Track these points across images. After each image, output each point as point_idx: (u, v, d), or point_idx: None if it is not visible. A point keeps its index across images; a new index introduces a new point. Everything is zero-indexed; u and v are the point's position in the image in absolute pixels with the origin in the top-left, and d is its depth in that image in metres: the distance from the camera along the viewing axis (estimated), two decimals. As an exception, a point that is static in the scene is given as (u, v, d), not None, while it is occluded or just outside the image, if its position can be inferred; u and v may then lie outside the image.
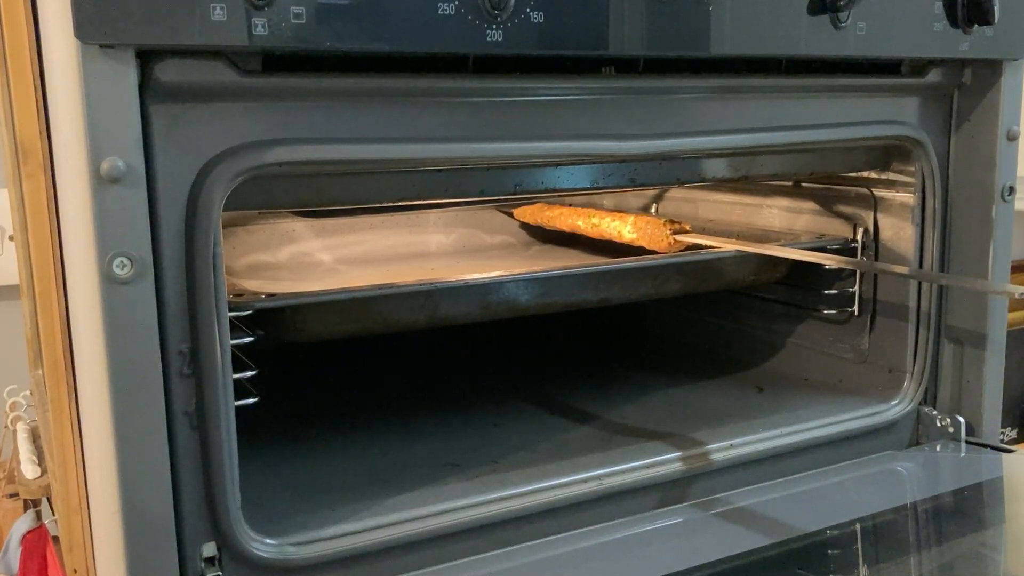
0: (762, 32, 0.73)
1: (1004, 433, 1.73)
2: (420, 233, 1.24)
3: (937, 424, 0.93)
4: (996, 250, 0.89)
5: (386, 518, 0.70)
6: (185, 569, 0.64)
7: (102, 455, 0.59)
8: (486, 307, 0.84)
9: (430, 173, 0.72)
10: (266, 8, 0.56)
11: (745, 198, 1.12)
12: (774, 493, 0.82)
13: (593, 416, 0.93)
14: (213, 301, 0.61)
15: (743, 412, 0.92)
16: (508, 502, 0.74)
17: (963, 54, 0.82)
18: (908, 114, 0.87)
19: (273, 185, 0.67)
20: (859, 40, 0.77)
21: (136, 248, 0.57)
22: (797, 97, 0.81)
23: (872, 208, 0.95)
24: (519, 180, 0.78)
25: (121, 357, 0.58)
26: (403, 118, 0.66)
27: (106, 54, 0.55)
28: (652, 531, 0.76)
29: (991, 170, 0.88)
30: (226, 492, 0.63)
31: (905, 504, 0.81)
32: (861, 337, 0.98)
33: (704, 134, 0.77)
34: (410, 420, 0.94)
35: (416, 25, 0.61)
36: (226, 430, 0.63)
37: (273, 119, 0.62)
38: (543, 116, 0.71)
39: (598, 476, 0.77)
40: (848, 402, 0.93)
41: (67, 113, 0.55)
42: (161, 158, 0.59)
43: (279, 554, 0.66)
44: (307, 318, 0.79)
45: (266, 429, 0.89)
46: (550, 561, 0.72)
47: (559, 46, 0.66)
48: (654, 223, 1.00)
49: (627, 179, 0.82)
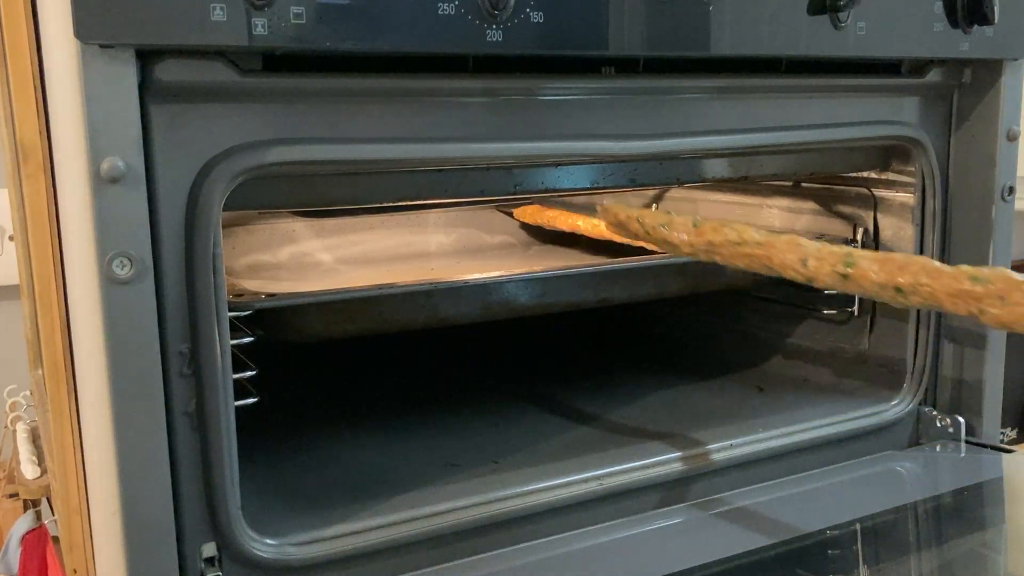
0: (762, 32, 0.73)
1: (1004, 433, 1.74)
2: (420, 233, 1.24)
3: (937, 424, 0.93)
4: (996, 250, 0.89)
5: (386, 518, 0.70)
6: (185, 569, 0.64)
7: (102, 455, 0.59)
8: (486, 307, 0.84)
9: (430, 173, 0.72)
10: (266, 8, 0.56)
11: (745, 198, 1.12)
12: (774, 493, 0.82)
13: (593, 416, 0.93)
14: (213, 301, 0.61)
15: (743, 412, 0.92)
16: (508, 502, 0.74)
17: (963, 54, 0.82)
18: (908, 114, 0.87)
19: (273, 185, 0.67)
20: (859, 40, 0.77)
21: (136, 248, 0.57)
22: (797, 97, 0.81)
23: (872, 208, 0.95)
24: (519, 180, 0.78)
25: (121, 357, 0.58)
26: (403, 118, 0.66)
27: (106, 54, 0.55)
28: (652, 531, 0.76)
29: (991, 170, 0.88)
30: (226, 492, 0.63)
31: (905, 504, 0.81)
32: (861, 337, 0.98)
33: (704, 134, 0.77)
34: (410, 420, 0.94)
35: (416, 25, 0.61)
36: (226, 430, 0.63)
37: (273, 119, 0.62)
38: (543, 116, 0.71)
39: (598, 476, 0.77)
40: (848, 402, 0.93)
41: (67, 113, 0.55)
42: (161, 158, 0.59)
43: (279, 554, 0.66)
44: (307, 318, 0.79)
45: (266, 429, 0.88)
46: (550, 561, 0.72)
47: (559, 46, 0.66)
48: (654, 223, 0.99)
49: (627, 179, 0.82)
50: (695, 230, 0.66)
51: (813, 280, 0.61)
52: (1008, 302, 0.54)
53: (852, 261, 0.59)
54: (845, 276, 0.59)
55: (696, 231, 0.66)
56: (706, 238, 0.65)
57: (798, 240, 0.62)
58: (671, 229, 0.67)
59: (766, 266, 0.63)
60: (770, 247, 0.62)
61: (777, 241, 0.62)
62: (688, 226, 0.66)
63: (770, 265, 0.62)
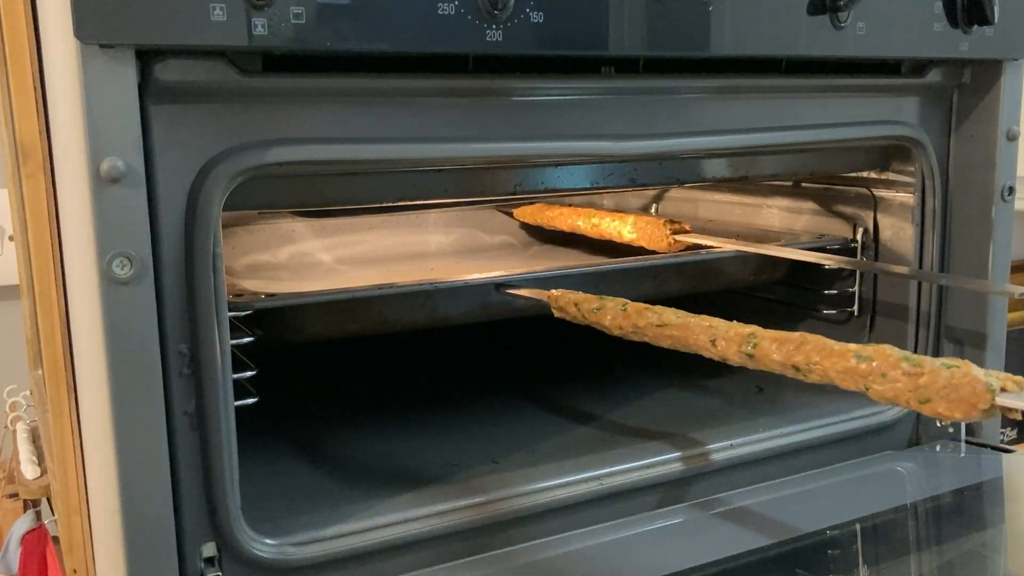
0: (762, 32, 0.73)
1: (1004, 433, 1.73)
2: (420, 233, 1.24)
3: (937, 424, 0.93)
4: (996, 250, 0.89)
5: (386, 518, 0.70)
6: (185, 569, 0.64)
7: (102, 455, 0.59)
8: (486, 307, 0.84)
9: (430, 173, 0.72)
10: (266, 8, 0.56)
11: (745, 198, 1.12)
12: (774, 493, 0.82)
13: (593, 416, 0.93)
14: (213, 301, 0.61)
15: (743, 412, 0.92)
16: (508, 502, 0.74)
17: (963, 54, 0.82)
18: (908, 114, 0.87)
19: (273, 185, 0.67)
20: (859, 40, 0.77)
21: (136, 248, 0.57)
22: (797, 97, 0.81)
23: (872, 208, 0.95)
24: (519, 180, 0.78)
25: (121, 357, 0.58)
26: (403, 118, 0.66)
27: (106, 54, 0.55)
28: (652, 531, 0.76)
29: (991, 170, 0.88)
30: (226, 492, 0.63)
31: (905, 504, 0.81)
32: (861, 337, 0.98)
33: (704, 134, 0.77)
34: (410, 420, 0.94)
35: (416, 25, 0.61)
36: (226, 430, 0.63)
37: (273, 119, 0.62)
38: (543, 116, 0.71)
39: (598, 476, 0.77)
40: (848, 402, 0.93)
41: (67, 113, 0.55)
42: (161, 158, 0.59)
43: (279, 554, 0.66)
44: (307, 318, 0.79)
45: (266, 429, 0.88)
46: (550, 561, 0.72)
47: (559, 46, 0.66)
48: (654, 223, 1.00)
49: (627, 179, 0.82)
50: (623, 313, 0.71)
51: (725, 359, 0.65)
52: (888, 379, 0.56)
53: (755, 342, 0.63)
54: (751, 355, 0.63)
55: (624, 315, 0.71)
56: (631, 321, 0.70)
57: (709, 321, 0.66)
58: (603, 313, 0.72)
59: (685, 345, 0.67)
60: (685, 328, 0.67)
61: (690, 322, 0.67)
62: (617, 310, 0.71)
63: (687, 344, 0.67)
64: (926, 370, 0.55)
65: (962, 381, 0.53)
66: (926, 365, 0.55)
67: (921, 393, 0.55)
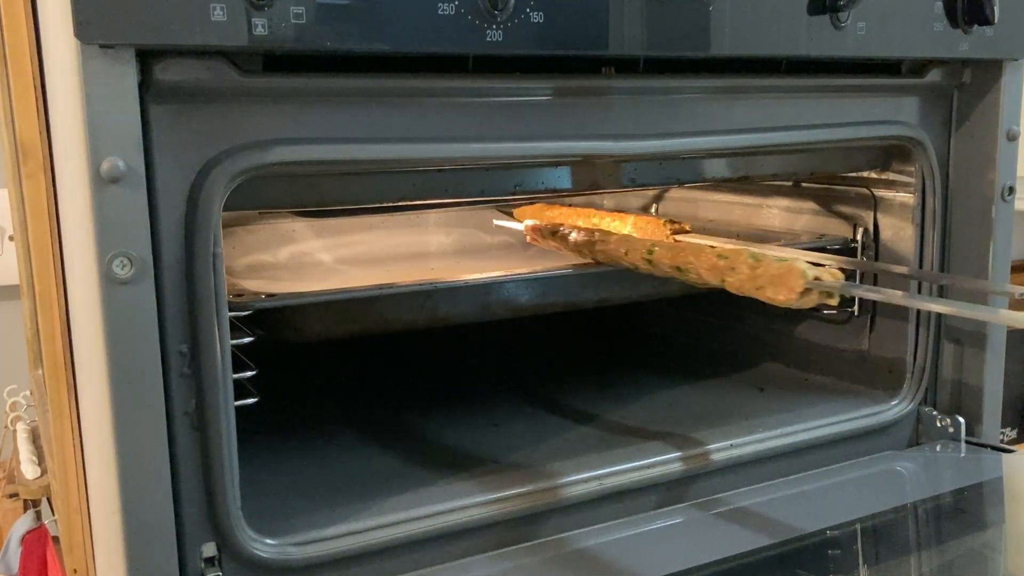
0: (762, 32, 0.73)
1: (1004, 433, 1.73)
2: (420, 233, 1.24)
3: (937, 424, 0.93)
4: (996, 250, 0.89)
5: (386, 518, 0.70)
6: (185, 569, 0.64)
7: (102, 455, 0.59)
8: (486, 307, 0.84)
9: (430, 173, 0.72)
10: (266, 8, 0.56)
11: (745, 198, 1.12)
12: (774, 493, 0.82)
13: (593, 416, 0.93)
14: (213, 301, 0.61)
15: (743, 412, 0.92)
16: (508, 502, 0.74)
17: (963, 54, 0.82)
18: (908, 114, 0.87)
19: (273, 185, 0.67)
20: (859, 40, 0.77)
21: (136, 248, 0.57)
22: (797, 97, 0.81)
23: (872, 208, 0.95)
24: (519, 180, 0.78)
25: (121, 357, 0.58)
26: (403, 118, 0.66)
27: (106, 54, 0.55)
28: (652, 531, 0.76)
29: (991, 170, 0.88)
30: (226, 492, 0.63)
31: (905, 504, 0.81)
32: (861, 337, 0.98)
33: (704, 134, 0.77)
34: (410, 420, 0.94)
35: (416, 25, 0.61)
36: (226, 430, 0.63)
37: (273, 119, 0.62)
38: (543, 116, 0.71)
39: (598, 476, 0.77)
40: (848, 402, 0.93)
41: (67, 113, 0.55)
42: (161, 158, 0.59)
43: (279, 554, 0.66)
44: (307, 318, 0.79)
45: (266, 429, 0.89)
46: (550, 561, 0.72)
47: (559, 46, 0.66)
48: (654, 223, 1.00)
49: (627, 179, 0.82)
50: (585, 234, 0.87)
51: (636, 267, 0.79)
52: (736, 272, 0.68)
53: (653, 251, 0.77)
54: (649, 261, 0.77)
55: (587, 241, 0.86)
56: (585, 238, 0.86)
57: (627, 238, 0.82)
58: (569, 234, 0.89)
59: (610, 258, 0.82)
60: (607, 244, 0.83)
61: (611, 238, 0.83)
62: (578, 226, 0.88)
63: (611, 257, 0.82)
64: (762, 263, 0.66)
65: (787, 271, 0.64)
66: (763, 260, 0.66)
67: (757, 282, 0.66)
